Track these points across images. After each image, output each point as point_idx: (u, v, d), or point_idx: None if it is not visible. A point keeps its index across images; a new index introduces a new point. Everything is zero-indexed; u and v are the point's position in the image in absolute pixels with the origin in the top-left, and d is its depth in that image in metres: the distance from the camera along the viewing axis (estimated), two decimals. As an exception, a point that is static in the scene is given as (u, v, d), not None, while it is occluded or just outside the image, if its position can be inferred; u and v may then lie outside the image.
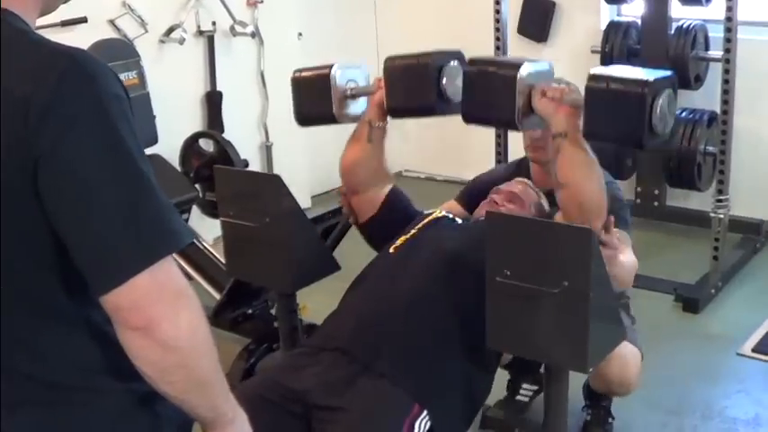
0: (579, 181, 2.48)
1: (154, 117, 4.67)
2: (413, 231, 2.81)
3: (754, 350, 4.06)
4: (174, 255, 1.40)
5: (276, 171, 5.78)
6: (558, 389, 2.32)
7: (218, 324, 4.04)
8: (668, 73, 2.42)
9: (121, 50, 4.49)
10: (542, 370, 2.60)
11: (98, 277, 1.36)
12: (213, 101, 5.42)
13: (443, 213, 2.92)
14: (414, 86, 2.75)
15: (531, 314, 2.18)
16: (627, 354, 2.78)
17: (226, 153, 4.63)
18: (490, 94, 2.51)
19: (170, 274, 1.39)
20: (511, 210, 2.90)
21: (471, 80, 2.58)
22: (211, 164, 4.61)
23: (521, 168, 3.28)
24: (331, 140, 6.23)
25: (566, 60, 5.76)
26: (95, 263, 1.36)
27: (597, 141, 2.48)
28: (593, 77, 2.38)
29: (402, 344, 2.45)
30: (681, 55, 5.00)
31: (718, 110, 5.01)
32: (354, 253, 3.08)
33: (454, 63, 2.75)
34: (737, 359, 4.03)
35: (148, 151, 4.50)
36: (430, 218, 2.88)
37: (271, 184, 2.65)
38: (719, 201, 4.60)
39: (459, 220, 2.93)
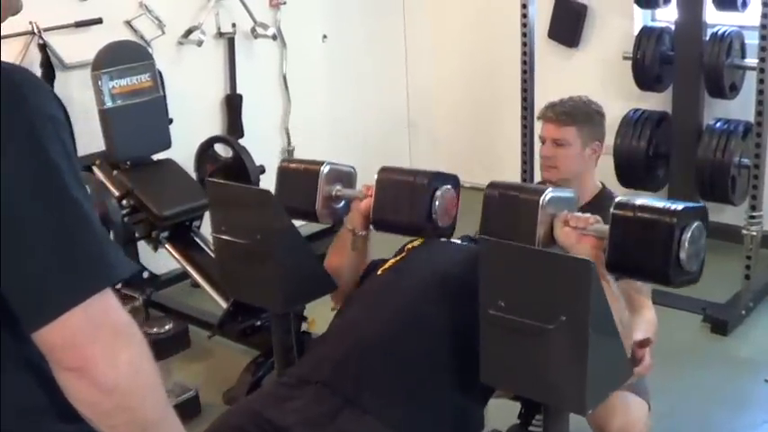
0: None
1: (169, 121, 4.58)
2: (402, 255, 2.69)
3: (783, 376, 3.87)
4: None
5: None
6: (558, 429, 2.16)
7: (225, 334, 3.95)
8: (698, 204, 2.29)
9: (135, 52, 4.37)
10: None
11: (28, 312, 1.26)
12: (233, 104, 5.31)
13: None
14: (404, 204, 2.65)
15: (526, 350, 2.02)
16: (631, 406, 2.60)
17: (240, 159, 4.50)
18: (510, 220, 2.41)
19: (107, 309, 1.28)
20: None
21: (492, 203, 2.47)
22: (225, 169, 4.52)
23: None
24: (354, 144, 6.21)
25: (596, 66, 5.62)
26: (25, 297, 1.25)
27: (620, 275, 2.33)
28: (618, 205, 2.24)
29: (387, 376, 2.30)
30: (715, 63, 4.80)
31: (751, 120, 4.85)
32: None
33: (447, 187, 2.65)
34: (765, 387, 3.84)
35: (162, 155, 4.43)
36: (417, 241, 2.75)
37: (261, 200, 2.51)
38: (752, 217, 4.40)
39: (456, 240, 2.78)
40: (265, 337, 3.85)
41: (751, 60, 4.79)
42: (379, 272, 2.63)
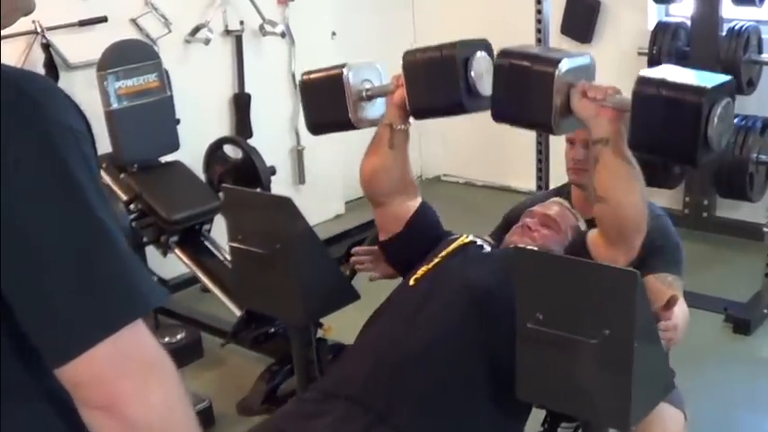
0: (620, 195, 2.22)
1: (177, 121, 4.47)
2: (435, 260, 2.54)
3: (809, 378, 3.78)
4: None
5: (308, 176, 5.62)
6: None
7: (239, 342, 3.86)
8: (727, 78, 2.14)
9: (140, 52, 4.26)
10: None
11: (51, 348, 1.15)
12: (241, 103, 5.21)
13: (470, 239, 2.65)
14: (438, 82, 2.47)
15: (566, 365, 1.92)
16: (667, 419, 2.49)
17: (250, 160, 4.40)
18: (523, 92, 2.26)
19: (138, 342, 1.18)
20: (545, 235, 2.64)
21: (503, 75, 2.31)
22: (235, 171, 4.44)
23: (560, 195, 3.03)
24: (367, 143, 6.09)
25: (611, 62, 5.48)
26: (47, 330, 1.15)
27: (643, 154, 2.22)
28: (642, 81, 2.11)
29: (421, 393, 2.21)
30: (733, 58, 4.71)
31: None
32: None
33: (481, 53, 2.48)
34: (793, 389, 3.76)
35: (170, 157, 4.33)
36: (455, 244, 2.60)
37: (281, 208, 2.40)
38: (772, 215, 4.31)
39: (488, 248, 2.65)
40: (279, 344, 3.77)
41: (768, 56, 4.72)
42: (411, 282, 2.50)
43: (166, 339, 3.44)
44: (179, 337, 3.45)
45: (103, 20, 4.39)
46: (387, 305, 2.51)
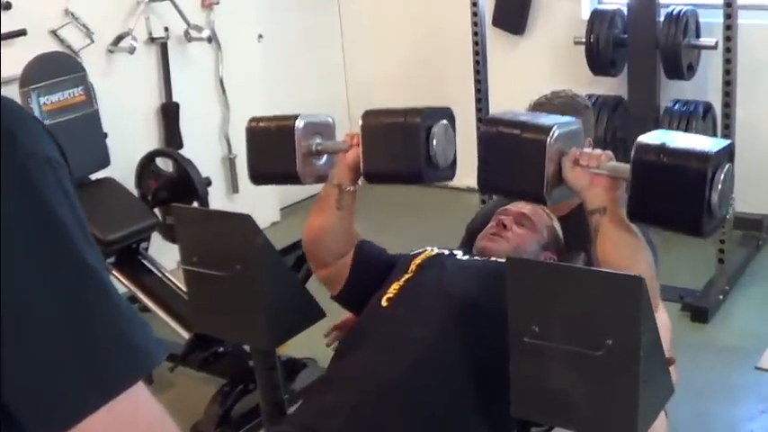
0: (626, 267, 2.08)
1: (105, 136, 4.27)
2: (406, 276, 2.40)
3: (774, 363, 3.73)
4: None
5: (242, 185, 5.44)
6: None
7: (188, 364, 3.68)
8: (727, 142, 2.08)
9: (65, 65, 4.07)
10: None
11: (37, 419, 0.96)
12: (169, 113, 5.01)
13: (437, 251, 2.52)
14: (399, 149, 2.38)
15: (566, 379, 1.79)
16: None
17: (185, 172, 4.23)
18: (513, 161, 2.18)
19: (137, 407, 1.00)
20: (521, 235, 2.53)
21: (490, 143, 2.23)
22: (170, 185, 4.27)
23: None
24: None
25: (546, 53, 5.45)
26: (32, 402, 0.96)
27: (644, 225, 2.13)
28: (641, 148, 2.02)
29: (408, 424, 2.06)
30: (672, 44, 4.66)
31: (710, 100, 4.74)
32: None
33: (444, 122, 2.40)
34: (757, 374, 3.71)
35: (100, 174, 4.13)
36: (423, 256, 2.47)
37: (241, 226, 2.23)
38: (725, 200, 4.25)
39: (461, 254, 2.52)
40: (230, 363, 3.63)
41: (708, 39, 4.69)
42: (383, 302, 2.34)
43: (112, 368, 3.23)
44: (126, 364, 3.25)
45: (23, 33, 4.15)
46: (360, 329, 2.35)
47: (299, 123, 2.47)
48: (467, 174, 5.84)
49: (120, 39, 4.66)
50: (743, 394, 3.60)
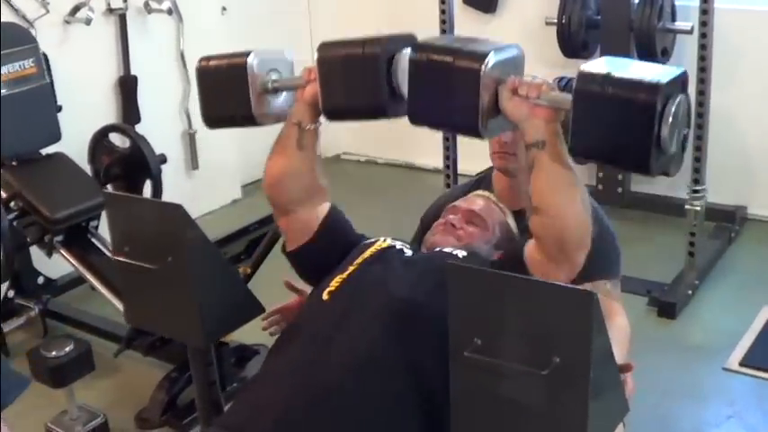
0: (560, 205, 1.97)
1: (58, 109, 4.12)
2: (350, 269, 2.24)
3: (741, 364, 3.61)
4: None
5: (202, 161, 5.30)
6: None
7: (134, 348, 3.55)
8: (680, 71, 1.87)
9: (14, 36, 3.88)
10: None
11: None
12: (127, 87, 4.84)
13: (389, 243, 2.36)
14: (358, 82, 2.17)
15: (510, 396, 1.66)
16: None
17: (139, 149, 4.07)
18: (445, 91, 1.98)
19: None
20: (471, 234, 2.38)
21: (420, 72, 2.03)
22: (123, 161, 4.13)
23: (482, 184, 2.78)
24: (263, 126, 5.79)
25: (517, 33, 5.28)
26: None
27: (585, 160, 1.98)
28: (584, 77, 1.84)
29: (343, 425, 1.92)
30: (646, 27, 4.51)
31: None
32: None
33: (407, 51, 2.15)
34: (724, 375, 3.57)
35: (52, 149, 3.99)
36: (372, 249, 2.31)
37: (172, 216, 2.08)
38: (696, 191, 4.13)
39: (409, 251, 2.37)
40: (177, 348, 3.46)
41: (684, 24, 4.55)
42: (324, 296, 2.19)
43: (53, 353, 3.08)
44: (67, 349, 3.10)
45: (-28, 1, 3.98)
46: (299, 324, 2.20)
47: (253, 60, 2.28)
48: (431, 154, 5.76)
49: (76, 9, 4.50)
50: (709, 396, 3.47)
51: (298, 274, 2.42)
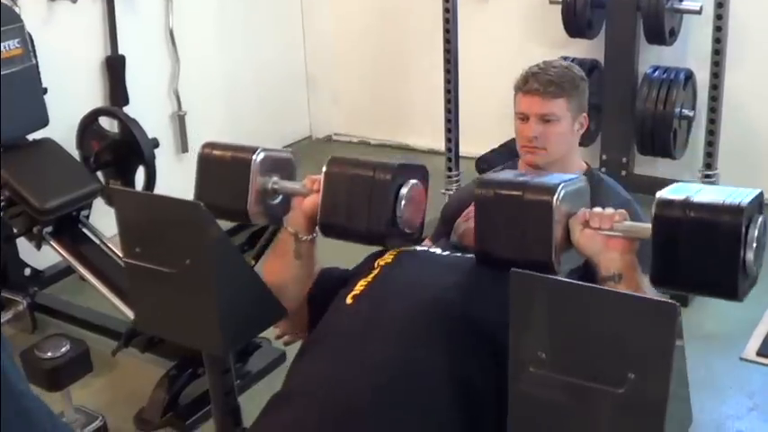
0: None
1: (44, 91, 3.91)
2: (374, 272, 2.11)
3: (759, 353, 3.51)
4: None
5: (192, 143, 5.11)
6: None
7: (132, 345, 3.39)
8: (757, 191, 1.78)
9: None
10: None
11: None
12: (115, 67, 4.65)
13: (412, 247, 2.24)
14: (363, 206, 2.11)
15: (578, 416, 1.53)
16: None
17: (131, 133, 3.89)
18: (515, 228, 1.91)
19: None
20: None
21: (486, 209, 1.97)
22: (114, 146, 3.95)
23: None
24: (252, 104, 5.64)
25: (520, 13, 5.15)
26: None
27: (668, 290, 1.87)
28: (663, 203, 1.76)
29: None
30: (655, 6, 4.37)
31: (691, 67, 4.50)
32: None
33: (414, 182, 2.13)
34: (742, 366, 3.48)
35: (39, 134, 3.80)
36: (393, 252, 2.19)
37: (191, 215, 1.91)
38: (708, 176, 4.01)
39: (438, 249, 2.23)
40: (177, 344, 3.31)
41: (692, 3, 4.42)
42: (348, 300, 2.05)
43: (49, 354, 2.91)
44: (63, 350, 2.93)
45: (-48, -21, 3.78)
46: (324, 334, 2.05)
47: (257, 158, 2.22)
48: (426, 135, 5.61)
49: (62, -14, 4.30)
50: (728, 389, 3.36)
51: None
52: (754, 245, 1.70)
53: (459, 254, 2.22)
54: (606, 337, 1.48)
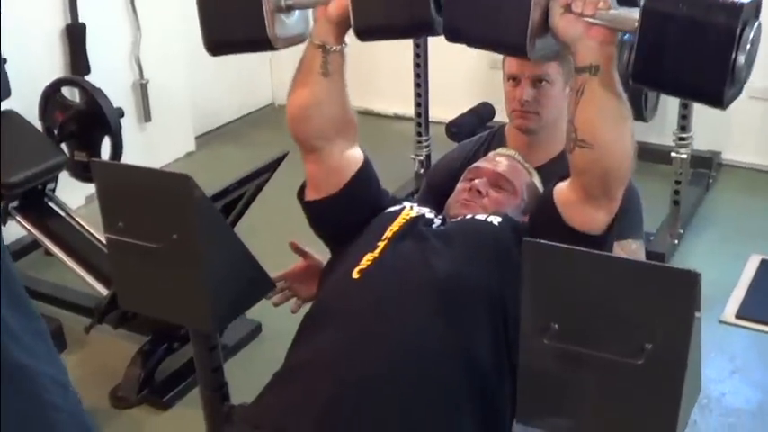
0: (609, 138, 1.78)
1: (3, 62, 3.79)
2: (380, 245, 2.01)
3: (738, 316, 3.50)
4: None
5: (154, 112, 5.01)
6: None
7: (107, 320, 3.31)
8: None
9: (-47, -18, 3.56)
10: None
11: None
12: (75, 35, 4.52)
13: (416, 211, 2.14)
14: None
15: (589, 387, 1.48)
16: None
17: (95, 103, 3.78)
18: (488, 3, 1.78)
19: None
20: (498, 200, 2.17)
21: None
22: (78, 117, 3.84)
23: (494, 140, 2.58)
24: (214, 71, 5.51)
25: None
26: None
27: (648, 88, 1.78)
28: None
29: (393, 422, 1.71)
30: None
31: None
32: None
33: None
34: (721, 329, 3.47)
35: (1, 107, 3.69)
36: (400, 220, 2.08)
37: (178, 188, 1.83)
38: (682, 138, 3.98)
39: (438, 220, 2.15)
40: (151, 318, 3.24)
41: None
42: (354, 274, 1.95)
43: (19, 333, 2.83)
44: (34, 328, 2.85)
45: None
46: (326, 306, 1.97)
47: None
48: (391, 100, 5.52)
49: (17, -49, 4.15)
50: (709, 353, 3.33)
51: (310, 224, 2.21)
52: (748, 47, 1.61)
53: (455, 222, 2.14)
54: (622, 307, 1.43)
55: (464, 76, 5.20)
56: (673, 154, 4.00)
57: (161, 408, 3.15)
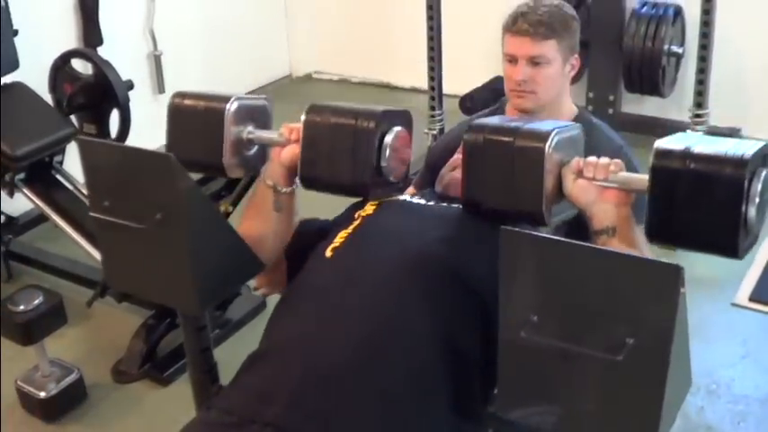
0: None
1: (14, 33, 3.77)
2: (354, 223, 2.01)
3: (751, 299, 3.44)
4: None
5: (168, 84, 4.98)
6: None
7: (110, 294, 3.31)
8: (762, 143, 1.66)
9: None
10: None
11: None
12: (88, 7, 4.52)
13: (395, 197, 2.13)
14: (346, 156, 2.00)
15: (569, 381, 1.44)
16: None
17: (104, 75, 3.75)
18: (503, 175, 1.82)
19: None
20: None
21: (475, 154, 1.87)
22: (87, 89, 3.81)
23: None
24: (230, 42, 5.49)
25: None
26: None
27: (664, 245, 1.76)
28: (662, 154, 1.64)
29: (362, 409, 1.67)
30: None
31: (680, 3, 4.41)
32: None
33: (399, 129, 2.02)
34: (734, 312, 3.42)
35: (9, 78, 3.67)
36: (377, 201, 2.08)
37: (162, 167, 1.79)
38: (698, 115, 3.91)
39: (419, 199, 2.13)
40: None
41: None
42: (327, 252, 1.94)
43: (21, 307, 2.81)
44: (36, 302, 2.83)
45: None
46: (301, 287, 1.95)
47: (231, 106, 2.09)
48: (409, 72, 5.47)
49: None
50: (721, 337, 3.29)
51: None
52: (757, 200, 1.60)
53: (444, 204, 2.11)
54: (603, 300, 1.39)
55: (479, 49, 5.14)
56: (688, 131, 3.92)
57: (162, 383, 3.15)
